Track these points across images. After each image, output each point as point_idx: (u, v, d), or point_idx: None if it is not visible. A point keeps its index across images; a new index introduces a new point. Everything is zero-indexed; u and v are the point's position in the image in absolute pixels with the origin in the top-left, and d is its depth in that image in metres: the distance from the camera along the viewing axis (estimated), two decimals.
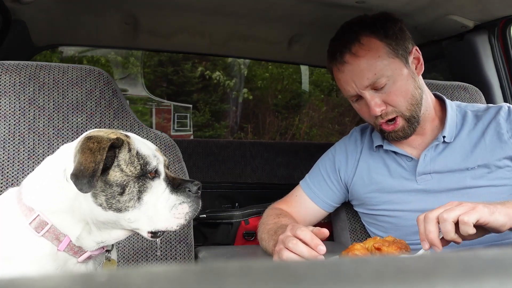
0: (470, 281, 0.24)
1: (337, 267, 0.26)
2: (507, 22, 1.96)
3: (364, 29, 1.33)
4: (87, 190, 0.86)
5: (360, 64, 1.30)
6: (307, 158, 2.66)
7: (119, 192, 0.90)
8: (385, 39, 1.31)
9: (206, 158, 2.54)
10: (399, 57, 1.32)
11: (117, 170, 0.90)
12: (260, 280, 0.24)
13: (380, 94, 1.31)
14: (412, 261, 0.28)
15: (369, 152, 1.49)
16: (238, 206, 2.40)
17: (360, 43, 1.31)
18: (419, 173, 1.38)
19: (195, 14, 2.11)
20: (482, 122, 1.39)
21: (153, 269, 0.26)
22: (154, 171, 0.94)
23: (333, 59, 1.36)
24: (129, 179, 0.91)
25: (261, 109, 8.52)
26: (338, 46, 1.35)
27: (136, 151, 0.93)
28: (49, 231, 0.91)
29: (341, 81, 1.36)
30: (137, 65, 7.09)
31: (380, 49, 1.31)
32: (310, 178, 1.57)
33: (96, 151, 0.87)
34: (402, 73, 1.32)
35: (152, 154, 0.96)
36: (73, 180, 0.85)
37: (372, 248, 1.11)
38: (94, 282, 0.24)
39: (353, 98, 1.38)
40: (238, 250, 1.75)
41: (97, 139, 0.89)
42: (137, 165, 0.92)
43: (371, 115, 1.34)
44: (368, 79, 1.29)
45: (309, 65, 5.50)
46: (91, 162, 0.86)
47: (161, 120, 8.01)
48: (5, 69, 1.38)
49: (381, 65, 1.29)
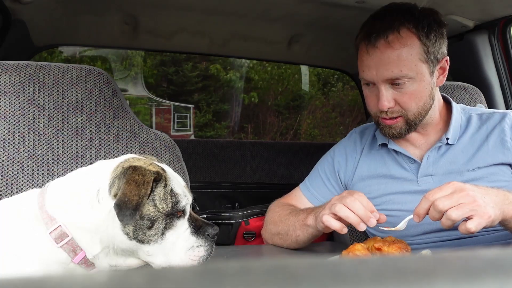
0: (470, 281, 0.24)
1: (337, 267, 0.26)
2: (507, 22, 1.96)
3: (408, 21, 1.27)
4: (128, 222, 0.87)
5: (390, 55, 1.26)
6: (307, 158, 2.66)
7: (148, 226, 0.91)
8: (424, 39, 1.27)
9: (206, 158, 2.54)
10: (428, 63, 1.29)
11: (151, 204, 0.92)
12: (260, 280, 0.24)
13: (394, 91, 1.29)
14: (412, 261, 0.28)
15: (370, 152, 1.49)
16: (238, 206, 2.40)
17: (399, 34, 1.26)
18: (421, 175, 1.37)
19: (195, 14, 2.11)
20: (486, 126, 1.38)
21: (153, 269, 0.26)
22: (182, 210, 0.96)
23: (366, 38, 1.30)
24: (159, 215, 0.92)
25: (262, 109, 8.52)
26: (378, 27, 1.28)
27: (171, 188, 0.94)
28: (68, 243, 0.91)
29: (364, 63, 1.31)
30: (138, 65, 7.10)
31: (415, 48, 1.26)
32: (309, 181, 1.57)
33: (140, 184, 0.88)
34: (424, 80, 1.29)
35: (183, 193, 0.97)
36: (116, 211, 0.86)
37: (373, 248, 1.11)
38: (94, 282, 0.24)
39: (367, 83, 1.35)
40: (238, 250, 1.75)
41: (141, 171, 0.90)
42: (169, 202, 0.93)
43: (377, 107, 1.32)
44: (392, 72, 1.26)
45: (309, 65, 5.51)
46: (135, 195, 0.87)
47: (161, 120, 8.01)
48: (5, 69, 1.38)
49: (409, 64, 1.26)
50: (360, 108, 6.73)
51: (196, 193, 1.15)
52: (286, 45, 2.46)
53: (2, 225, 0.92)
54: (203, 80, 8.37)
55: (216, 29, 2.29)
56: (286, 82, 8.60)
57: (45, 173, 1.34)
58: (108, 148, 1.42)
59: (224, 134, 8.36)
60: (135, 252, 0.95)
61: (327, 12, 1.95)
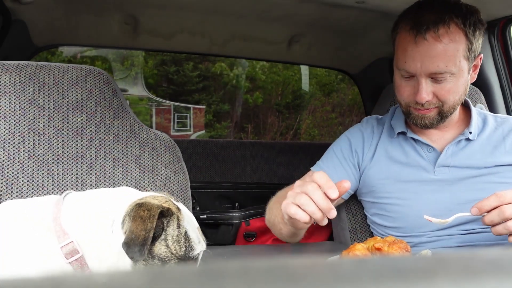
0: (470, 281, 0.24)
1: (337, 267, 0.26)
2: (507, 22, 1.96)
3: (457, 17, 1.26)
4: (138, 259, 0.85)
5: (438, 48, 1.24)
6: (307, 158, 2.66)
7: (159, 266, 0.90)
8: (470, 37, 1.27)
9: (206, 158, 2.54)
10: (469, 60, 1.30)
11: (163, 243, 0.90)
12: (260, 280, 0.24)
13: (434, 84, 1.28)
14: (412, 261, 0.28)
15: (389, 139, 1.48)
16: (238, 206, 2.40)
17: (449, 28, 1.24)
18: (439, 165, 1.38)
19: (195, 14, 2.11)
20: (502, 128, 1.41)
21: (153, 269, 0.26)
22: (194, 258, 0.94)
23: (415, 28, 1.26)
24: (171, 257, 0.90)
25: (262, 109, 8.52)
26: (427, 18, 1.25)
27: (185, 230, 0.92)
28: (78, 260, 0.90)
29: (408, 54, 1.28)
30: (139, 65, 7.10)
31: (461, 44, 1.26)
32: (323, 162, 1.51)
33: (146, 219, 0.87)
34: (463, 76, 1.30)
35: (197, 239, 0.95)
36: (124, 249, 0.85)
37: (373, 248, 1.11)
38: (94, 282, 0.24)
39: (405, 74, 1.31)
40: (238, 250, 1.75)
41: (147, 206, 0.89)
42: (182, 246, 0.91)
43: (414, 99, 1.30)
44: (437, 66, 1.25)
45: (309, 65, 5.50)
46: (141, 230, 0.85)
47: (161, 120, 8.01)
48: (5, 69, 1.38)
49: (454, 60, 1.25)
50: (360, 108, 6.73)
51: (196, 193, 1.14)
52: (286, 45, 2.46)
53: (14, 230, 0.91)
54: (203, 80, 8.37)
55: (216, 29, 2.29)
56: (286, 82, 8.60)
57: (45, 173, 1.34)
58: (108, 148, 1.42)
59: (225, 134, 8.36)
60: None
61: (327, 12, 1.95)
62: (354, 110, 8.01)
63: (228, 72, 8.30)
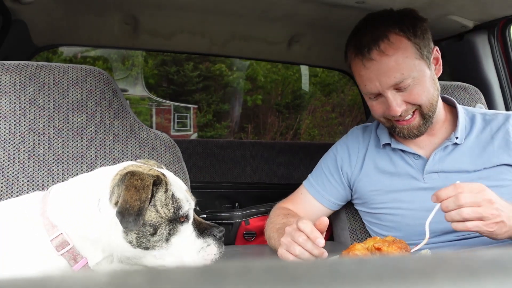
0: (470, 281, 0.24)
1: (337, 267, 0.26)
2: (507, 22, 1.96)
3: (393, 26, 1.28)
4: (132, 228, 0.86)
5: (388, 62, 1.26)
6: (307, 158, 2.66)
7: (151, 232, 0.90)
8: (413, 38, 1.28)
9: (206, 158, 2.54)
10: (424, 58, 1.30)
11: (152, 210, 0.91)
12: (260, 280, 0.24)
13: (402, 94, 1.29)
14: (412, 261, 0.28)
15: (375, 149, 1.49)
16: (238, 206, 2.40)
17: (389, 40, 1.27)
18: (427, 171, 1.38)
19: (195, 14, 2.11)
20: (490, 127, 1.40)
21: (153, 269, 0.26)
22: (185, 216, 0.95)
23: (359, 53, 1.30)
24: (162, 221, 0.91)
25: (262, 109, 8.53)
26: (366, 41, 1.29)
27: (172, 193, 0.94)
28: (69, 251, 0.90)
29: (364, 77, 1.31)
30: (139, 65, 7.10)
31: (408, 49, 1.27)
32: (313, 177, 1.57)
33: (140, 189, 0.87)
34: (426, 74, 1.30)
35: (185, 198, 0.96)
36: (119, 218, 0.85)
37: (372, 248, 1.11)
38: (94, 282, 0.24)
39: (372, 96, 1.34)
40: (238, 250, 1.75)
41: (140, 176, 0.89)
42: (171, 208, 0.92)
43: (390, 114, 1.32)
44: (394, 78, 1.26)
45: (309, 65, 5.50)
46: (136, 200, 0.86)
47: (162, 120, 8.01)
48: (5, 69, 1.38)
49: (409, 66, 1.27)
50: (360, 108, 6.73)
51: (196, 193, 1.14)
52: (286, 45, 2.46)
53: (3, 228, 0.91)
54: (204, 80, 8.37)
55: (216, 29, 2.29)
56: (286, 82, 8.61)
57: (45, 173, 1.34)
58: (108, 148, 1.42)
59: (225, 134, 8.36)
60: (142, 258, 0.94)
61: (327, 12, 1.95)
62: (354, 110, 8.01)
63: (228, 74, 8.30)
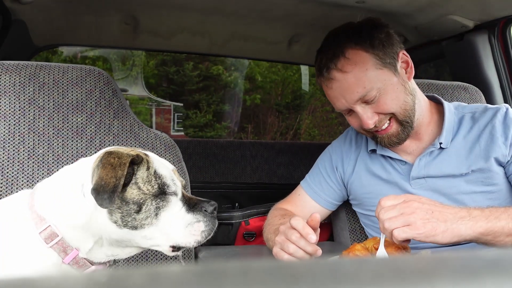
0: (470, 281, 0.24)
1: (337, 267, 0.26)
2: (507, 22, 1.96)
3: (349, 41, 1.27)
4: (107, 206, 0.86)
5: (347, 79, 1.26)
6: (307, 158, 2.66)
7: (136, 210, 0.90)
8: (371, 49, 1.26)
9: (206, 158, 2.54)
10: (387, 66, 1.27)
11: (134, 187, 0.90)
12: (260, 280, 0.24)
13: (371, 106, 1.28)
14: (412, 261, 0.28)
15: (367, 153, 1.48)
16: (238, 206, 2.40)
17: (346, 57, 1.26)
18: (413, 177, 1.37)
19: (195, 14, 2.11)
20: (478, 126, 1.35)
21: (153, 269, 0.26)
22: (173, 192, 0.95)
23: (320, 75, 1.32)
24: (146, 197, 0.91)
25: (262, 109, 8.53)
26: (324, 61, 1.30)
27: (154, 170, 0.93)
28: (58, 243, 0.90)
29: (331, 96, 1.33)
30: (139, 65, 7.10)
31: (367, 61, 1.25)
32: (310, 177, 1.57)
33: (117, 166, 0.87)
34: (392, 83, 1.28)
35: (170, 177, 0.95)
36: (93, 195, 0.85)
37: (372, 249, 1.11)
38: (94, 282, 0.24)
39: (345, 112, 1.35)
40: (238, 250, 1.75)
41: (117, 154, 0.89)
42: (154, 184, 0.92)
43: (364, 127, 1.32)
44: (358, 93, 1.25)
45: (309, 65, 5.50)
46: (112, 177, 0.86)
47: (161, 120, 8.01)
48: (5, 69, 1.38)
49: (370, 78, 1.25)
50: None
51: (196, 193, 1.14)
52: (286, 45, 2.46)
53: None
54: (204, 80, 8.37)
55: (216, 29, 2.30)
56: (286, 82, 8.61)
57: (45, 173, 1.34)
58: None
59: (224, 134, 8.36)
60: (132, 241, 0.93)
61: (327, 12, 1.95)
62: None
63: (226, 75, 8.30)
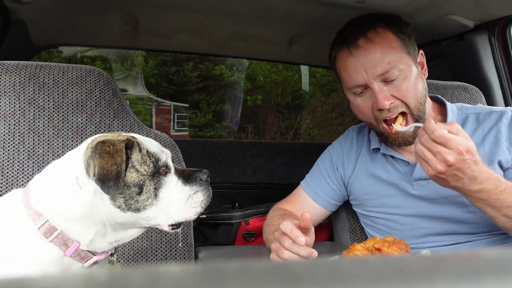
0: (470, 281, 0.24)
1: (337, 267, 0.26)
2: (507, 22, 1.96)
3: (380, 21, 1.31)
4: (114, 192, 0.87)
5: (374, 50, 1.26)
6: (307, 158, 2.65)
7: (137, 192, 0.92)
8: (399, 34, 1.30)
9: (206, 158, 2.54)
10: (411, 55, 1.30)
11: (132, 171, 0.92)
12: (260, 280, 0.24)
13: (389, 87, 1.27)
14: (412, 261, 0.28)
15: (368, 153, 1.48)
16: (238, 206, 2.40)
17: (376, 31, 1.28)
18: (415, 179, 1.35)
19: (195, 14, 2.11)
20: (482, 128, 1.35)
21: (153, 269, 0.26)
22: (165, 166, 0.96)
23: (345, 42, 1.31)
24: (145, 178, 0.93)
25: (262, 109, 8.53)
26: (352, 31, 1.31)
27: (146, 150, 0.95)
28: (58, 236, 0.90)
29: (350, 68, 1.30)
30: (139, 65, 7.10)
31: (394, 42, 1.28)
32: (310, 178, 1.57)
33: (114, 153, 0.88)
34: (413, 71, 1.29)
35: (159, 150, 0.98)
36: (99, 185, 0.86)
37: (373, 249, 1.11)
38: (94, 282, 0.24)
39: (358, 90, 1.31)
40: (238, 250, 1.75)
41: (110, 142, 0.90)
42: (149, 163, 0.94)
43: (377, 108, 1.28)
44: (381, 67, 1.25)
45: (309, 65, 5.51)
46: (112, 164, 0.87)
47: (161, 120, 8.01)
48: (5, 69, 1.38)
49: (395, 56, 1.26)
50: None
51: None
52: (286, 45, 2.46)
53: None
54: (203, 80, 8.38)
55: (216, 29, 2.29)
56: (286, 82, 8.61)
57: None
58: None
59: (224, 134, 8.36)
60: (135, 223, 0.95)
61: (327, 12, 1.95)
62: None
63: (229, 75, 8.30)
